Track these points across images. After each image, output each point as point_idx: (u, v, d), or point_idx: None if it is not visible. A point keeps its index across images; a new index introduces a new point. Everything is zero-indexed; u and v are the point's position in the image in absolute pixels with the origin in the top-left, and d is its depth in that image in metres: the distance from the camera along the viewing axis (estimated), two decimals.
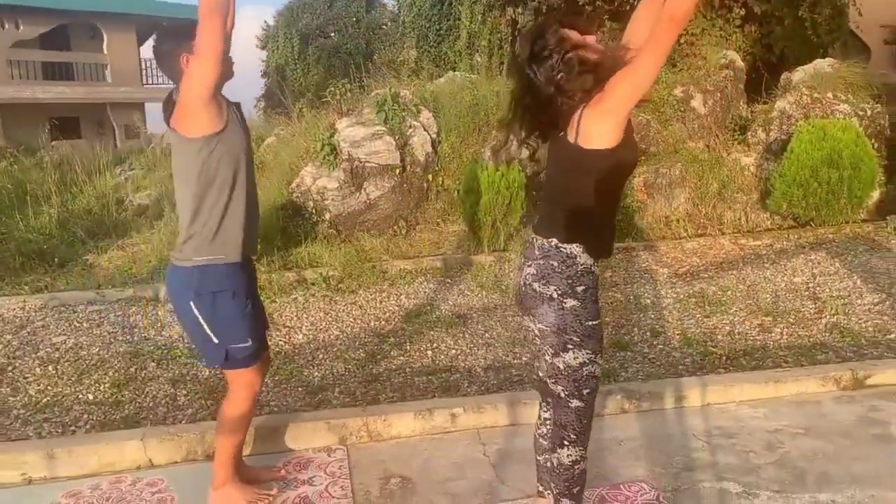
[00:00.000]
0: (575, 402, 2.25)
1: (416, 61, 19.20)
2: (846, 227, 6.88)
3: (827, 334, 4.37)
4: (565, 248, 2.18)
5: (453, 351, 4.43)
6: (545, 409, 2.50)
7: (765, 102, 9.05)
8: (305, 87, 23.42)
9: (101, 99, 22.91)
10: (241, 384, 2.70)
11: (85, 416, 3.77)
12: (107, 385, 4.16)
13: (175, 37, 2.59)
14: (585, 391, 2.24)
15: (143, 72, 24.95)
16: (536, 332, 2.29)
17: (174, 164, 2.57)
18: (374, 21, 25.04)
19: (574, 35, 2.16)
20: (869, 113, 7.92)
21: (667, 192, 8.41)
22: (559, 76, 2.12)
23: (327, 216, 7.91)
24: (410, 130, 8.23)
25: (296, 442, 3.29)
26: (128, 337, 5.01)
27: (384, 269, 6.28)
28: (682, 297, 5.23)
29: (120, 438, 3.25)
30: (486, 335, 4.67)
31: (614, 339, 4.46)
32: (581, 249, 2.18)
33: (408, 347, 4.49)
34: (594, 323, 2.21)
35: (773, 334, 4.42)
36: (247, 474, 2.96)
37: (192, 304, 2.55)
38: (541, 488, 2.59)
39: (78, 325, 5.31)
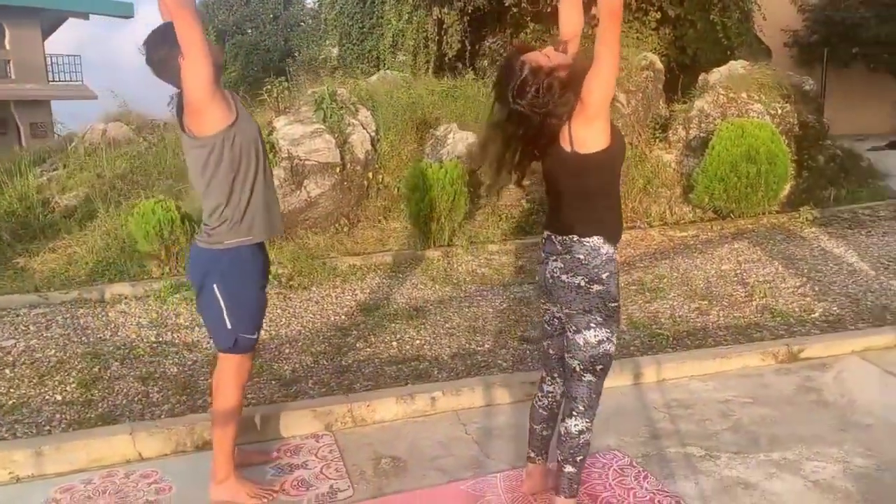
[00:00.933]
0: (588, 377, 2.48)
1: (339, 59, 19.19)
2: (763, 218, 7.41)
3: (759, 315, 4.77)
4: (588, 242, 2.41)
5: (417, 341, 4.60)
6: (549, 384, 2.72)
7: (683, 102, 9.57)
8: (223, 85, 22.98)
9: (4, 96, 21.86)
10: (235, 371, 2.80)
11: (57, 415, 3.76)
12: (73, 385, 4.13)
13: (164, 42, 2.60)
14: (599, 367, 2.47)
15: (50, 68, 23.92)
16: (562, 315, 2.51)
17: (194, 162, 2.64)
18: (293, 18, 24.81)
19: (542, 59, 2.36)
20: (779, 112, 8.53)
21: None
22: (546, 103, 2.32)
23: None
24: (349, 129, 8.33)
25: (284, 430, 3.40)
26: (82, 338, 4.96)
27: (334, 266, 6.38)
28: (622, 284, 5.56)
29: (108, 433, 3.29)
30: (447, 325, 4.87)
31: None
32: (602, 240, 2.41)
33: (372, 339, 4.64)
34: (615, 304, 2.45)
35: (710, 317, 4.79)
36: (240, 458, 3.06)
37: (215, 286, 2.67)
38: (532, 454, 2.81)
39: (24, 328, 5.21)
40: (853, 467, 2.93)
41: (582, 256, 2.41)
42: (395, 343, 4.58)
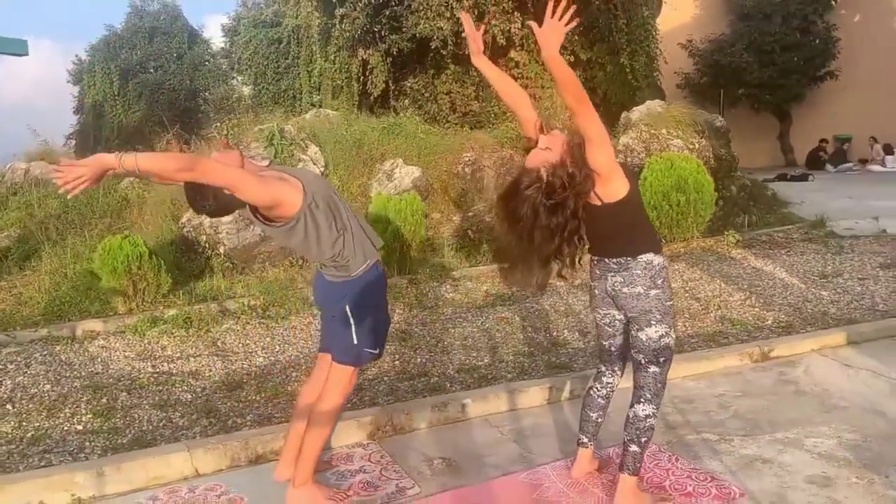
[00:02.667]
0: (652, 368, 2.84)
1: (254, 98, 19.19)
2: (693, 242, 8.10)
3: (719, 324, 5.31)
4: (641, 258, 2.78)
5: (418, 360, 4.86)
6: (609, 376, 3.09)
7: (612, 135, 10.30)
8: (126, 125, 22.47)
9: None
10: (347, 381, 3.02)
11: (87, 444, 3.78)
12: (88, 416, 4.14)
13: (203, 194, 2.73)
14: (661, 359, 2.84)
15: None
16: (623, 318, 2.91)
17: (296, 238, 2.85)
18: (198, 57, 24.59)
19: (548, 156, 2.63)
20: (697, 146, 9.35)
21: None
22: (580, 184, 2.65)
23: (222, 249, 7.96)
24: (300, 164, 8.52)
25: (331, 441, 3.57)
26: (74, 373, 4.92)
27: (305, 296, 6.53)
28: (587, 304, 6.01)
29: (165, 452, 3.37)
30: (439, 345, 5.14)
31: (552, 340, 5.12)
32: (652, 255, 2.80)
33: (375, 361, 4.84)
34: (670, 303, 2.84)
35: (678, 327, 5.28)
36: None
37: (347, 307, 2.95)
38: (584, 440, 3.14)
39: (2, 367, 5.10)
40: (845, 441, 3.42)
41: (639, 271, 2.80)
42: (397, 363, 4.81)
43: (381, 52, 13.48)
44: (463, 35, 12.32)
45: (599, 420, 3.14)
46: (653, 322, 2.81)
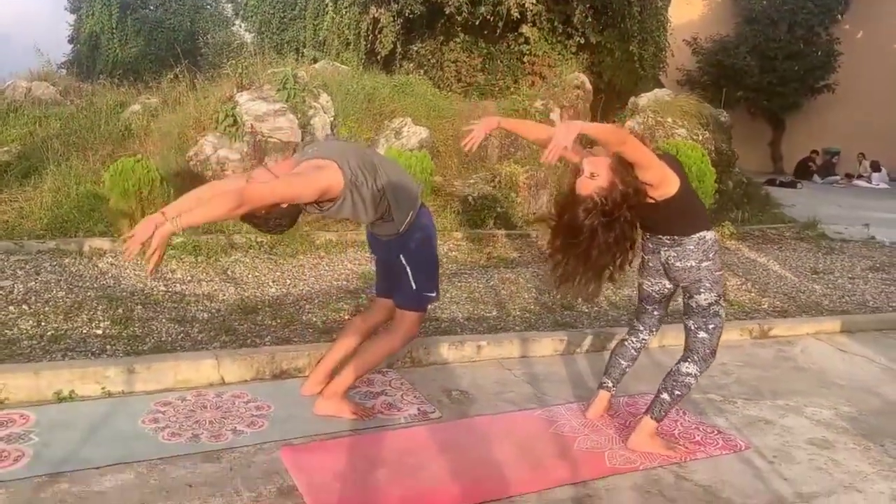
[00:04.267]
0: (701, 334, 2.98)
1: (256, 46, 18.97)
2: None
3: None
4: (694, 236, 2.91)
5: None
6: (645, 333, 3.28)
7: (613, 121, 10.43)
8: (122, 59, 22.11)
9: None
10: (411, 325, 3.15)
11: (108, 347, 3.84)
12: (106, 323, 4.20)
13: (266, 219, 2.78)
14: (710, 326, 2.97)
15: None
16: (671, 287, 3.09)
17: (350, 211, 2.91)
18: (199, 1, 24.24)
19: (595, 183, 2.76)
20: (700, 138, 9.52)
21: (533, 191, 9.41)
22: (633, 196, 2.79)
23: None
24: (311, 111, 8.54)
25: None
26: (86, 284, 4.96)
27: (312, 240, 6.60)
28: None
29: (195, 357, 3.46)
30: (447, 295, 5.25)
31: (558, 302, 5.26)
32: (705, 231, 2.93)
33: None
34: (720, 273, 2.98)
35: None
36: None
37: (402, 257, 3.06)
38: (609, 384, 3.30)
39: (13, 272, 5.13)
40: (842, 412, 3.60)
41: (692, 247, 2.93)
42: None
43: (392, 12, 13.43)
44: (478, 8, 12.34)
45: (627, 369, 3.29)
46: (702, 290, 2.94)
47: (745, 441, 3.19)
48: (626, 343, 3.30)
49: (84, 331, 4.06)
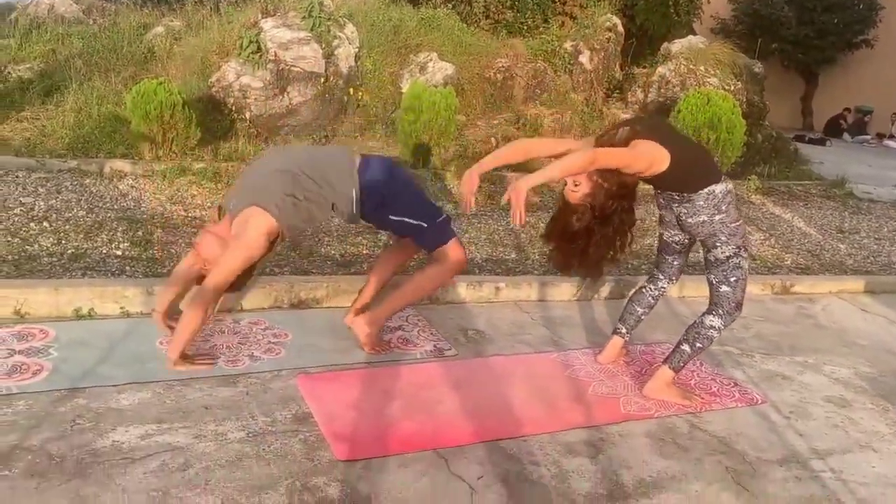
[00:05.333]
0: (724, 288, 2.92)
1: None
2: None
3: None
4: (703, 191, 2.80)
5: None
6: (664, 281, 3.24)
7: (644, 66, 10.18)
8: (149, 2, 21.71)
9: None
10: (455, 254, 3.10)
11: (128, 268, 3.85)
12: (126, 245, 4.20)
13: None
14: (732, 279, 2.90)
15: None
16: (690, 239, 3.05)
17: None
18: None
19: (580, 192, 2.76)
20: (732, 88, 9.28)
21: (558, 135, 9.25)
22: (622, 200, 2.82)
23: (248, 115, 7.89)
24: (336, 41, 8.37)
25: None
26: (106, 205, 4.95)
27: None
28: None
29: None
30: (465, 237, 5.20)
31: None
32: (714, 185, 2.82)
33: None
34: (736, 224, 2.88)
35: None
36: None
37: (391, 217, 3.03)
38: (623, 329, 3.27)
39: (34, 190, 5.12)
40: (861, 372, 3.56)
41: (702, 202, 2.83)
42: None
43: None
44: None
45: (643, 316, 3.25)
46: (718, 244, 2.87)
47: (762, 395, 3.17)
48: (644, 290, 3.26)
49: (104, 251, 4.06)
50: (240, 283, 2.96)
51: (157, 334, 3.10)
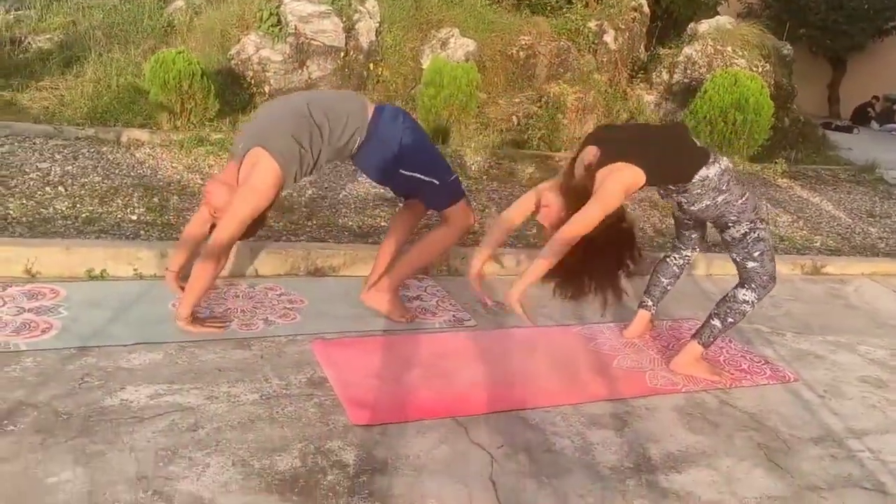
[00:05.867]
0: (750, 264, 2.79)
1: None
2: (739, 165, 7.95)
3: None
4: (695, 179, 2.66)
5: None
6: (687, 250, 3.13)
7: (669, 47, 9.98)
8: None
9: None
10: (463, 215, 3.01)
11: (142, 232, 3.77)
12: (141, 210, 4.12)
13: None
14: (756, 253, 2.78)
15: None
16: (695, 221, 2.97)
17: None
18: None
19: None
20: (760, 70, 9.06)
21: (580, 115, 9.08)
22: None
23: (267, 89, 7.79)
24: (357, 15, 8.24)
25: None
26: (122, 172, 4.89)
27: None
28: (635, 200, 5.95)
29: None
30: (486, 211, 5.10)
31: None
32: (704, 169, 2.66)
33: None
34: (742, 200, 2.74)
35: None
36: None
37: (402, 171, 2.90)
38: (649, 302, 3.16)
39: (50, 156, 5.06)
40: None
41: (698, 190, 2.71)
42: None
43: None
44: None
45: (669, 287, 3.14)
46: (730, 224, 2.75)
47: (794, 373, 3.05)
48: (667, 260, 3.15)
49: (119, 215, 3.99)
50: (252, 231, 2.85)
51: (171, 297, 3.02)
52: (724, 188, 2.71)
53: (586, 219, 2.51)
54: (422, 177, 2.90)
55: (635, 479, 2.18)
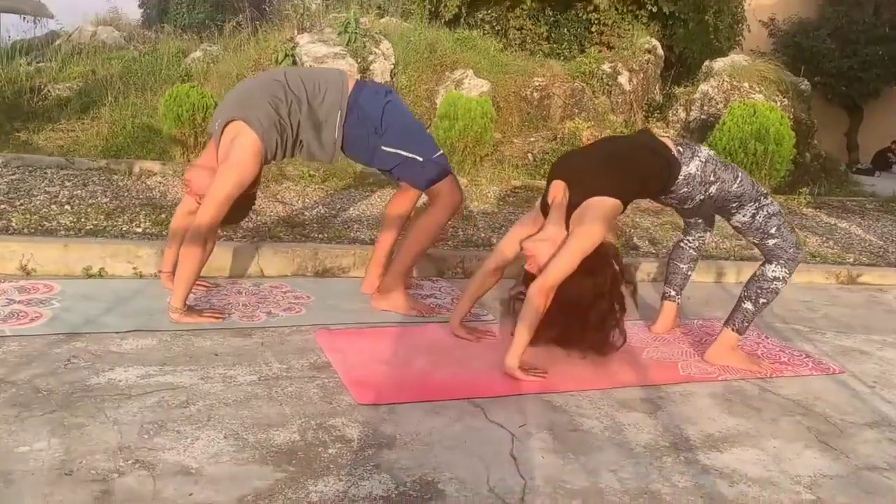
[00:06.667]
0: (770, 242, 2.61)
1: (322, 8, 18.85)
2: None
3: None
4: (679, 179, 2.52)
5: (482, 234, 4.67)
6: (700, 230, 2.96)
7: (686, 86, 9.94)
8: (189, 25, 22.29)
9: None
10: (450, 192, 2.85)
11: (146, 241, 3.64)
12: (147, 224, 4.00)
13: None
14: (772, 229, 2.60)
15: None
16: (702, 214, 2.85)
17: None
18: None
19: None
20: (779, 105, 8.96)
21: None
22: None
23: None
24: (372, 57, 8.29)
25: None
26: (131, 194, 4.80)
27: (365, 177, 6.34)
28: (657, 224, 5.77)
29: (234, 245, 3.22)
30: (503, 228, 4.94)
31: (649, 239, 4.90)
32: (684, 167, 2.52)
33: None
34: (738, 185, 2.57)
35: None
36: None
37: (384, 147, 2.77)
38: (672, 293, 2.95)
39: (60, 183, 4.99)
40: None
41: (685, 189, 2.56)
42: (460, 233, 4.63)
43: None
44: None
45: (689, 273, 2.95)
46: (734, 211, 2.60)
47: (839, 367, 2.81)
48: (682, 244, 2.97)
49: (124, 228, 3.87)
50: (236, 215, 2.72)
51: (170, 292, 2.86)
52: (711, 179, 2.54)
53: (567, 262, 2.32)
54: (405, 153, 2.77)
55: (672, 456, 1.95)
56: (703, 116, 9.06)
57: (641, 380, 2.47)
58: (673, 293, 2.99)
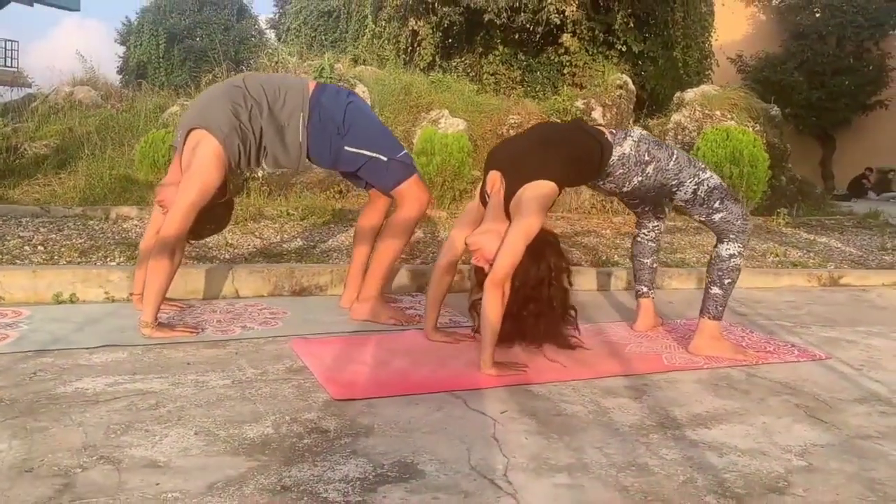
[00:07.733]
0: (716, 216, 2.60)
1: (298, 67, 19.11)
2: None
3: (779, 264, 5.04)
4: (612, 161, 2.53)
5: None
6: (653, 221, 2.95)
7: (659, 118, 10.08)
8: (167, 87, 22.51)
9: None
10: (416, 191, 2.82)
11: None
12: (122, 259, 3.94)
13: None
14: (715, 203, 2.59)
15: None
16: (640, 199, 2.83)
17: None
18: (244, 31, 24.68)
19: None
20: (751, 130, 9.09)
21: (576, 188, 9.01)
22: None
23: (260, 173, 7.78)
24: None
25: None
26: (107, 236, 4.75)
27: (345, 212, 6.34)
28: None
29: (207, 268, 3.17)
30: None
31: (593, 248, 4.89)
32: (616, 150, 2.52)
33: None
34: (675, 162, 2.57)
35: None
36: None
37: (347, 148, 2.75)
38: (644, 289, 2.94)
39: (35, 229, 4.94)
40: None
41: (620, 170, 2.55)
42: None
43: (431, 24, 13.35)
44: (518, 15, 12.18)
45: (654, 265, 2.94)
46: (673, 188, 2.60)
47: (825, 353, 2.77)
48: (639, 239, 2.96)
49: (98, 263, 3.81)
50: (206, 229, 2.70)
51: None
52: (646, 158, 2.53)
53: (512, 252, 2.29)
54: (368, 153, 2.76)
55: (659, 433, 1.90)
56: (676, 145, 9.15)
57: (625, 370, 2.42)
58: (645, 289, 2.96)
